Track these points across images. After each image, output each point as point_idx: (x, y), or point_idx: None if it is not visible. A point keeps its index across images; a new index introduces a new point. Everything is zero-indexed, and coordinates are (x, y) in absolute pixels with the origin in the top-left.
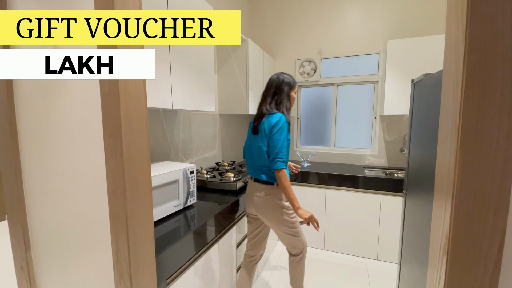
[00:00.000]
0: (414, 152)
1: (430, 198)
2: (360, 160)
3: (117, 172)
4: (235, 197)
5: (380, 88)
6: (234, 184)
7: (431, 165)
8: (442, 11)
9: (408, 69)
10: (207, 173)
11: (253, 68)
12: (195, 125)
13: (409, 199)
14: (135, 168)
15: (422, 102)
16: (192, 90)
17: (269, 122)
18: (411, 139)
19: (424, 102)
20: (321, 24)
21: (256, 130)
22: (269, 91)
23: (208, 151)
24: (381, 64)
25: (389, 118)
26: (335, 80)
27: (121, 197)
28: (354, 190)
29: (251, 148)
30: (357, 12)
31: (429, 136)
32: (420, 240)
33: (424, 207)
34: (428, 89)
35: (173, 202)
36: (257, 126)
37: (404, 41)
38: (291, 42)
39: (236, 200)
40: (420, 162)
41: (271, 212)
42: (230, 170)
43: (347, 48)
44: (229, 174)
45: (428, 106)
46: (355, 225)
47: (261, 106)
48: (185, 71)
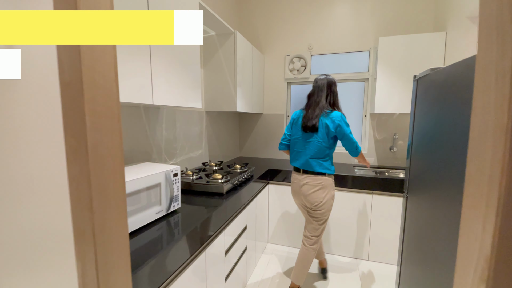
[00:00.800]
0: (417, 153)
1: (436, 202)
2: (350, 159)
3: (81, 179)
4: (223, 200)
5: (370, 86)
6: (221, 186)
7: (438, 168)
8: (431, 9)
9: (400, 66)
10: (193, 174)
11: (241, 64)
12: (179, 122)
13: (411, 201)
14: (104, 173)
15: (427, 99)
16: (176, 85)
17: (332, 121)
18: (413, 139)
19: (430, 99)
20: (311, 20)
21: (315, 128)
22: (320, 93)
23: (194, 151)
24: (371, 61)
25: (379, 116)
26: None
27: (86, 209)
28: (345, 190)
29: (305, 144)
30: (347, 8)
31: (437, 137)
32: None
33: (430, 211)
34: (436, 85)
35: (154, 208)
36: (316, 125)
37: (395, 38)
38: (281, 37)
39: (224, 203)
40: (425, 164)
41: (321, 198)
42: (217, 171)
43: (337, 45)
44: (217, 175)
45: (436, 103)
46: (346, 225)
47: (314, 107)
48: (167, 64)
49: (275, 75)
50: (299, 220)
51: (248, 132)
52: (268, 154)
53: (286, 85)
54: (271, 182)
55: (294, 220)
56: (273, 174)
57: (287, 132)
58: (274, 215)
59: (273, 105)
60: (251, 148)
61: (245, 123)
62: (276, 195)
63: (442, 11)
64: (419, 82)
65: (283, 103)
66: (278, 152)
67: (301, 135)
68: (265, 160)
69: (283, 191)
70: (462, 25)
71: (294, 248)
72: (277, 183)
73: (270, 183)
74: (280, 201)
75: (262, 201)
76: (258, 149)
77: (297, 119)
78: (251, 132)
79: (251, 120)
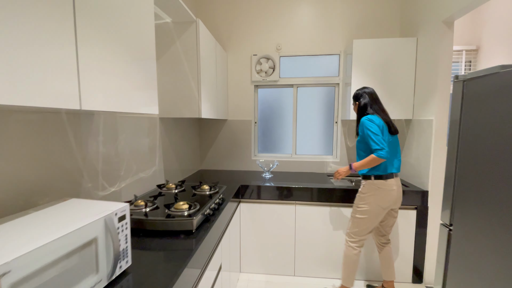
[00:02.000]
0: (469, 175)
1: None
2: (322, 167)
3: None
4: (193, 241)
5: (341, 91)
6: (190, 221)
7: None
8: (397, 15)
9: (374, 71)
10: (146, 205)
11: (206, 59)
12: (124, 133)
13: (461, 231)
14: None
15: (488, 106)
16: (120, 84)
17: None
18: (460, 157)
19: (498, 107)
20: (280, 18)
21: (397, 131)
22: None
23: (145, 169)
24: (341, 66)
25: (350, 123)
26: (295, 81)
27: None
28: (326, 205)
29: (396, 147)
30: (317, 9)
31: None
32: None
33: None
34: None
35: (87, 280)
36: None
37: (368, 42)
38: (246, 34)
39: (196, 246)
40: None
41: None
42: (180, 196)
43: (307, 47)
44: (181, 204)
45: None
46: (328, 245)
47: (384, 110)
48: (108, 54)
49: (241, 76)
50: (276, 242)
51: (210, 141)
52: (234, 165)
53: (253, 88)
54: (243, 201)
55: (270, 243)
56: (245, 190)
57: (382, 138)
58: (247, 239)
59: (239, 110)
60: (214, 160)
61: (206, 131)
62: (248, 215)
63: (412, 17)
64: (467, 84)
65: (250, 108)
66: (246, 163)
67: (391, 139)
68: (232, 174)
69: (256, 210)
70: (437, 30)
71: (271, 275)
72: (250, 201)
73: (242, 202)
74: (254, 222)
75: (234, 225)
76: (221, 160)
77: (380, 124)
78: (213, 141)
79: (213, 128)
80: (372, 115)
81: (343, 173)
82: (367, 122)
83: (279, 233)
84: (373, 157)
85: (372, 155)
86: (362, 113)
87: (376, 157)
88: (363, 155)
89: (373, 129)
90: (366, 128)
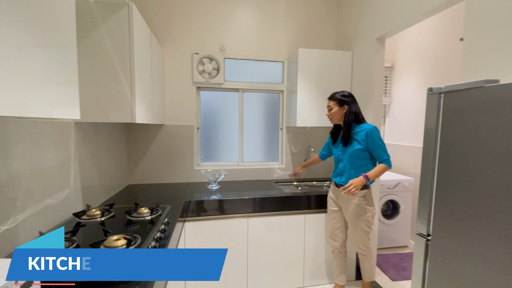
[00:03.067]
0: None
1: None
2: (269, 174)
3: None
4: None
5: (285, 98)
6: None
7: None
8: (333, 30)
9: (317, 79)
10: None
11: (140, 53)
12: (20, 146)
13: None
14: None
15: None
16: (19, 78)
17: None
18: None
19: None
20: (224, 17)
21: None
22: None
23: (54, 193)
24: (285, 73)
25: (294, 129)
26: (241, 85)
27: None
28: (279, 214)
29: None
30: (261, 15)
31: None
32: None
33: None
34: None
35: None
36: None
37: (312, 51)
38: (186, 29)
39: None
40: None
41: None
42: (110, 226)
43: (252, 52)
44: (115, 240)
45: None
46: (281, 256)
47: None
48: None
49: (180, 76)
50: (227, 261)
51: (141, 150)
52: (173, 177)
53: (195, 90)
54: (188, 219)
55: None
56: (189, 207)
57: None
58: None
59: (178, 114)
60: (147, 172)
61: (137, 139)
62: (195, 235)
63: (347, 32)
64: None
65: (191, 112)
66: (187, 174)
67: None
68: (171, 187)
69: (204, 229)
70: (371, 46)
71: None
72: (195, 219)
73: (187, 221)
74: (202, 243)
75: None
76: (157, 172)
77: None
78: (146, 150)
79: (146, 134)
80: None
81: (359, 185)
82: (376, 131)
83: (231, 251)
84: (385, 167)
85: (382, 164)
86: (353, 119)
87: (387, 167)
88: (362, 164)
89: (381, 138)
90: (377, 137)
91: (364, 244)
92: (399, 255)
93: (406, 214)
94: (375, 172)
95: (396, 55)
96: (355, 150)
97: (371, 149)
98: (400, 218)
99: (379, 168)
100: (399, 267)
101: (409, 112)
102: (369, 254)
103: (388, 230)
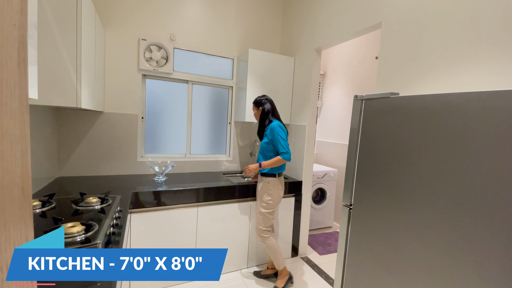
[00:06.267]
0: (365, 167)
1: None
2: (217, 166)
3: None
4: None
5: (235, 94)
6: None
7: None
8: (278, 36)
9: (263, 79)
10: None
11: (87, 31)
12: None
13: (356, 212)
14: None
15: (381, 120)
16: None
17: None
18: (359, 156)
19: (388, 121)
20: (175, 4)
21: None
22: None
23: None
24: (235, 70)
25: (242, 124)
26: (190, 77)
27: None
28: (227, 202)
29: None
30: (212, 10)
31: (395, 153)
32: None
33: (382, 219)
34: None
35: None
36: None
37: (261, 53)
38: (132, 12)
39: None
40: (374, 177)
41: None
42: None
43: (203, 45)
44: (71, 227)
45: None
46: (229, 241)
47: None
48: None
49: (124, 62)
50: None
51: (75, 139)
52: (113, 169)
53: (141, 77)
54: (134, 211)
55: None
56: (136, 198)
57: (287, 143)
58: None
59: (120, 101)
60: (81, 163)
61: (70, 126)
62: (143, 228)
63: (290, 40)
64: (366, 102)
65: (135, 100)
66: (129, 166)
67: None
68: (111, 179)
69: (152, 221)
70: (310, 56)
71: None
72: (142, 210)
73: (133, 213)
74: (148, 237)
75: (125, 244)
76: (93, 163)
77: (285, 131)
78: (81, 139)
79: (81, 122)
80: (279, 122)
81: (253, 169)
82: (278, 128)
83: (181, 239)
84: (280, 159)
85: (278, 157)
86: (265, 118)
87: (282, 159)
88: (270, 156)
89: (282, 135)
90: (277, 133)
91: (258, 224)
92: (325, 234)
93: (331, 200)
94: (270, 162)
95: (328, 64)
96: (264, 143)
97: (274, 143)
98: (326, 203)
99: (274, 159)
100: (325, 244)
101: (335, 114)
102: (264, 239)
103: (317, 214)
